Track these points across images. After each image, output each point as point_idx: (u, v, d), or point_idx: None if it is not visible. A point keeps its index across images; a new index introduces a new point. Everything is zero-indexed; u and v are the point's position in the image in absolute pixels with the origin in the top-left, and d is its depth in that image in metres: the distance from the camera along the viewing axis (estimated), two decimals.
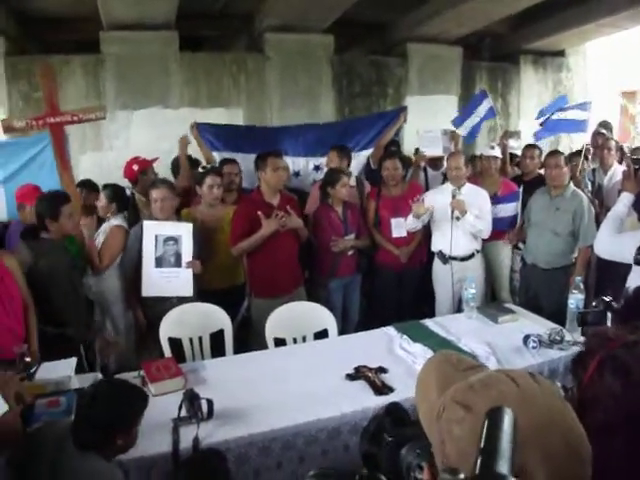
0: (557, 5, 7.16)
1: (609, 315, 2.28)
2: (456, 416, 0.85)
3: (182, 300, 3.86)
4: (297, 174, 5.29)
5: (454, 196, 4.34)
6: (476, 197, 4.49)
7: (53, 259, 3.50)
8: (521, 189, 4.76)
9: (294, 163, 5.27)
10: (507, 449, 0.71)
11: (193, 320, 3.73)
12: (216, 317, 3.78)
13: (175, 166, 5.08)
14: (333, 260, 4.45)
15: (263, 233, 3.99)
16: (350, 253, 4.53)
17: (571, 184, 4.45)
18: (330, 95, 7.30)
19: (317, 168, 5.24)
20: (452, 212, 4.36)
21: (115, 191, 4.31)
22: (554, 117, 5.40)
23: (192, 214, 4.28)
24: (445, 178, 4.84)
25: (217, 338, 3.73)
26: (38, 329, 3.32)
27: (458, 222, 4.39)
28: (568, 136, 7.67)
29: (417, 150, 5.65)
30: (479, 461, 0.71)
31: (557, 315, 3.66)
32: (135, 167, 4.78)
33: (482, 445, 0.72)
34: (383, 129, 5.48)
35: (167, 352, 3.53)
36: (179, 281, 3.91)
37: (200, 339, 3.70)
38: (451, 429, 0.85)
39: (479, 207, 4.45)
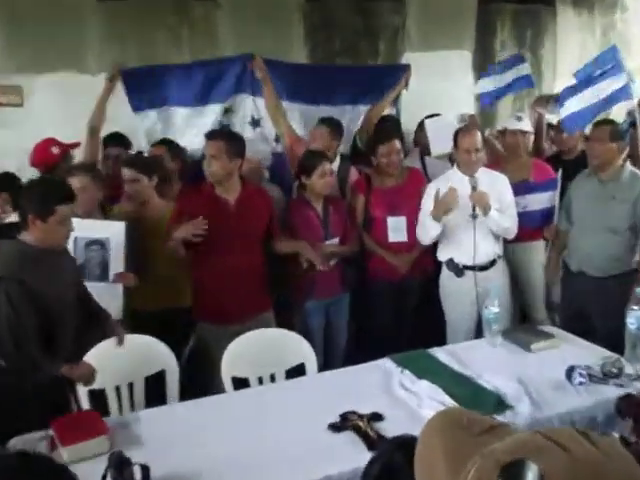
0: None
1: None
2: None
3: None
4: (257, 123, 5.40)
5: (474, 187, 4.38)
6: (493, 185, 4.55)
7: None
8: (560, 173, 4.81)
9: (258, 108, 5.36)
10: None
11: (121, 361, 3.66)
12: (154, 354, 3.75)
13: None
14: (311, 274, 4.46)
15: (176, 236, 4.01)
16: (332, 263, 4.54)
17: (627, 165, 4.49)
18: (302, 53, 7.20)
19: (255, 122, 5.36)
20: (473, 209, 4.42)
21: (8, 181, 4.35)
22: (586, 100, 5.26)
23: (123, 211, 4.29)
24: (452, 162, 4.86)
25: (156, 381, 3.72)
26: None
27: (476, 221, 4.44)
28: None
29: (421, 125, 5.61)
30: None
31: (613, 339, 3.68)
32: (55, 150, 4.82)
33: None
34: (384, 89, 5.58)
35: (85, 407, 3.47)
36: (104, 300, 3.86)
37: (131, 386, 3.65)
38: None
39: (498, 198, 4.51)
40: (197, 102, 5.21)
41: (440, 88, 6.36)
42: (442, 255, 4.70)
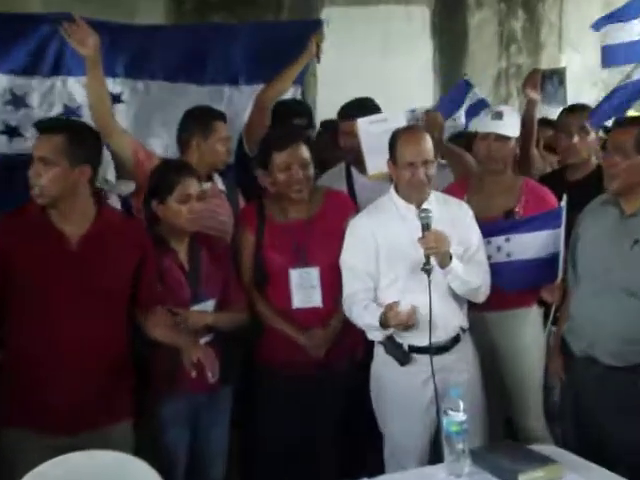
0: None
1: None
2: None
3: None
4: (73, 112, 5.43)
5: (427, 225, 4.23)
6: (451, 218, 4.51)
7: None
8: (564, 201, 4.69)
9: None
10: None
11: None
12: None
13: None
14: (170, 358, 4.29)
15: None
16: (205, 341, 4.40)
17: None
18: (158, 7, 7.17)
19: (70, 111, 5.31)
20: (427, 260, 4.27)
21: None
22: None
23: None
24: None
25: None
26: None
27: (429, 276, 4.29)
28: None
29: (343, 114, 5.55)
30: None
31: None
32: None
33: None
34: (284, 59, 5.56)
35: None
36: None
37: None
38: None
39: (460, 239, 4.47)
40: None
41: (379, 64, 6.38)
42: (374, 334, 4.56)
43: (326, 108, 5.91)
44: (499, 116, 5.07)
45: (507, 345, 4.94)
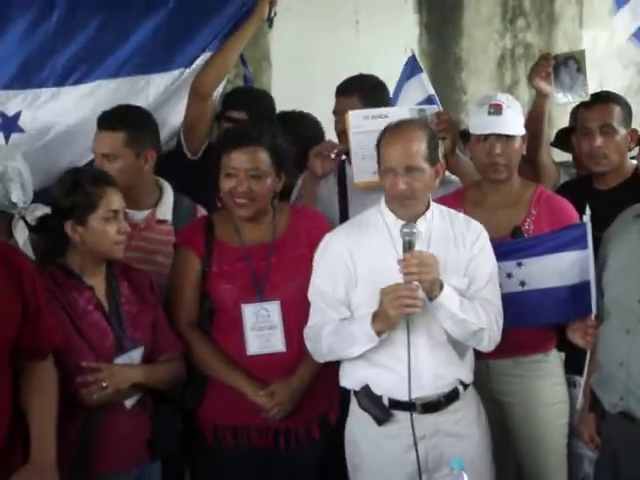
0: None
1: None
2: None
3: None
4: None
5: (409, 244, 3.84)
6: (456, 242, 4.14)
7: None
8: (588, 214, 4.24)
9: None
10: None
11: None
12: None
13: None
14: (85, 423, 3.98)
15: None
16: (130, 405, 4.06)
17: None
18: None
19: None
20: None
21: None
22: None
23: None
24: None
25: None
26: None
27: (418, 312, 3.93)
28: None
29: (343, 90, 5.23)
30: None
31: None
32: None
33: None
34: (218, 27, 5.20)
35: None
36: None
37: None
38: None
39: (466, 268, 4.09)
40: None
41: (351, 44, 5.95)
42: (349, 378, 4.17)
43: (282, 98, 5.60)
44: (497, 111, 4.63)
45: (518, 403, 4.56)
